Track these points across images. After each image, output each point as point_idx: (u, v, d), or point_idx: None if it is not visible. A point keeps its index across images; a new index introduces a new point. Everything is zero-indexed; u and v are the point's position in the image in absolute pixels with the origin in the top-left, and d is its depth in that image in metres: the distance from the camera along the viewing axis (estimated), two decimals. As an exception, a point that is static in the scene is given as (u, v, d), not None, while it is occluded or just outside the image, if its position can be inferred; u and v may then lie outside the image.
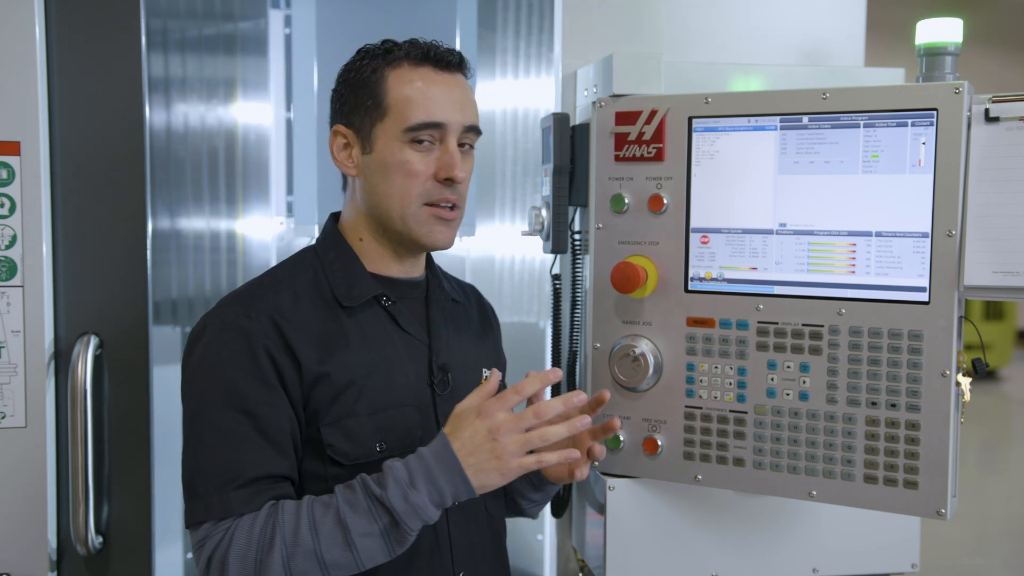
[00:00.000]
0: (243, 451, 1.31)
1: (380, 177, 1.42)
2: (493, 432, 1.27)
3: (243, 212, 2.63)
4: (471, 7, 2.54)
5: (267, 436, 1.32)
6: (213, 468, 1.30)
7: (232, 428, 1.31)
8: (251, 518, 1.28)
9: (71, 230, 1.81)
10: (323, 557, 1.25)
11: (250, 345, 1.33)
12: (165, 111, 2.42)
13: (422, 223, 1.42)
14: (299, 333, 1.36)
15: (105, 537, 1.84)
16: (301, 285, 1.42)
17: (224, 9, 2.58)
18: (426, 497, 1.26)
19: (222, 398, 1.32)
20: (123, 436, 1.85)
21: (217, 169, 2.56)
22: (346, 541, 1.26)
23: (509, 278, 2.71)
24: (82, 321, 1.81)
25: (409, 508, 1.25)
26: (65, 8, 1.78)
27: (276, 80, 2.66)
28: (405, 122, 1.39)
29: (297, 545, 1.25)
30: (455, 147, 1.42)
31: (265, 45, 2.64)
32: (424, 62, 1.43)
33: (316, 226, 2.47)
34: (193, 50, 2.50)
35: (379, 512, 1.26)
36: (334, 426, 1.36)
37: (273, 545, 1.25)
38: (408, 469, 1.27)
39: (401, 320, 1.45)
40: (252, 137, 2.62)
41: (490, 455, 1.26)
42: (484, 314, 1.69)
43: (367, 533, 1.26)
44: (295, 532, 1.25)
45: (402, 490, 1.26)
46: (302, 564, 1.25)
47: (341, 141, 1.46)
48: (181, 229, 2.52)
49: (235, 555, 1.26)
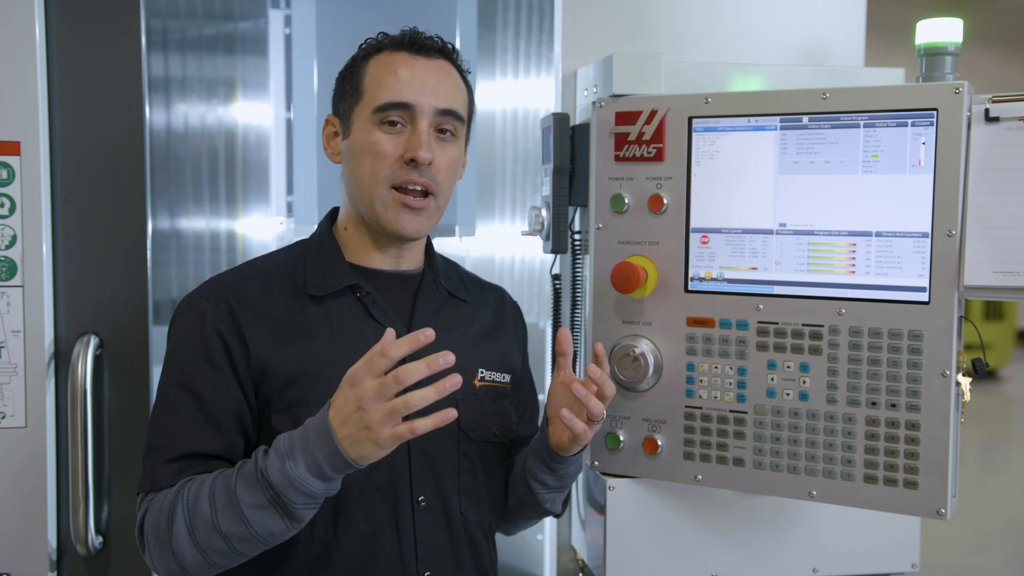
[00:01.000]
0: (179, 427, 1.35)
1: (354, 160, 1.44)
2: (360, 401, 1.18)
3: (243, 212, 2.63)
4: (471, 7, 2.54)
5: (207, 415, 1.35)
6: (153, 442, 1.36)
7: (175, 405, 1.36)
8: (161, 497, 1.31)
9: (71, 230, 1.81)
10: (220, 528, 1.25)
11: (203, 326, 1.37)
12: (165, 111, 2.42)
13: (388, 207, 1.41)
14: (254, 320, 1.39)
15: (105, 537, 1.84)
16: (277, 273, 1.45)
17: (224, 9, 2.58)
18: (304, 469, 1.21)
19: (173, 376, 1.38)
20: (123, 436, 1.85)
21: (217, 169, 2.56)
22: (237, 512, 1.24)
23: (509, 278, 2.71)
24: (82, 321, 1.81)
25: (285, 481, 1.21)
26: (65, 8, 1.78)
27: (276, 80, 2.66)
28: (374, 102, 1.41)
29: (197, 515, 1.26)
30: (424, 128, 1.41)
31: (265, 45, 2.64)
32: (401, 47, 1.45)
33: (316, 226, 2.46)
34: (193, 50, 2.50)
35: (265, 484, 1.23)
36: (284, 414, 1.37)
37: (175, 515, 1.27)
38: (291, 440, 1.24)
39: (375, 312, 1.44)
40: (252, 137, 2.62)
41: (360, 425, 1.18)
42: (502, 315, 1.63)
43: (256, 504, 1.23)
44: (195, 503, 1.27)
45: (280, 462, 1.22)
46: (203, 534, 1.26)
47: (330, 130, 1.50)
48: (181, 229, 2.52)
49: (149, 523, 1.30)
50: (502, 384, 1.56)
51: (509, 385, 1.58)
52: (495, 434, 1.52)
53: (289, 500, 1.22)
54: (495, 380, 1.55)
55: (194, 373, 1.36)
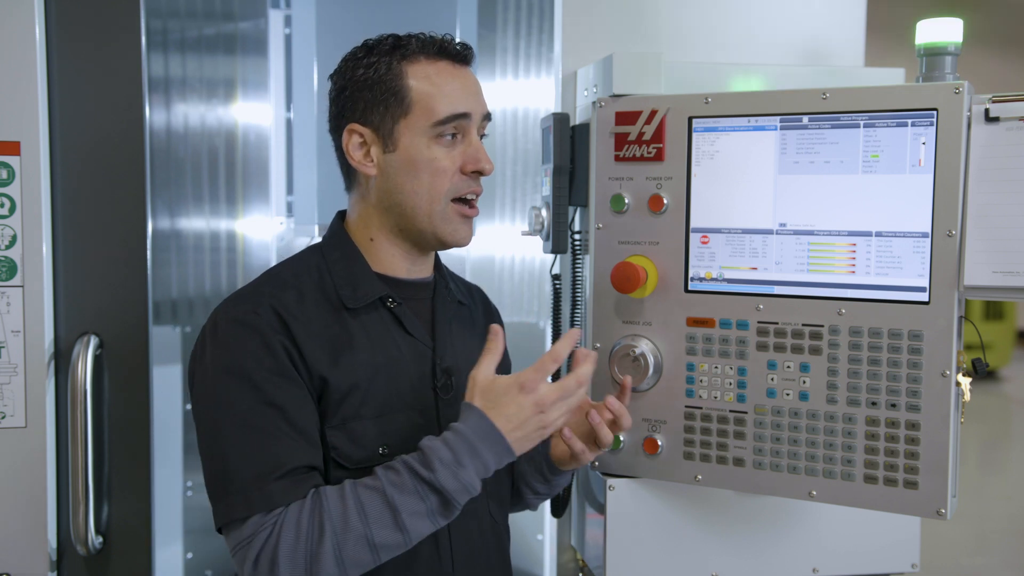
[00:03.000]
0: (276, 443, 1.29)
1: (406, 175, 1.41)
2: (540, 405, 1.30)
3: (243, 212, 2.63)
4: (471, 7, 2.54)
5: (295, 427, 1.31)
6: (248, 463, 1.28)
7: (260, 422, 1.29)
8: (297, 509, 1.26)
9: (71, 230, 1.80)
10: (374, 540, 1.25)
11: (265, 340, 1.32)
12: (165, 111, 2.42)
13: (448, 220, 1.42)
14: (304, 332, 1.35)
15: (105, 537, 1.84)
16: (306, 286, 1.40)
17: (224, 9, 2.57)
18: (473, 472, 1.28)
19: (245, 394, 1.30)
20: (123, 436, 1.85)
21: (217, 169, 2.56)
22: (395, 522, 1.26)
23: (509, 278, 2.70)
24: (82, 321, 1.81)
25: (460, 486, 1.27)
26: (65, 8, 1.78)
27: (276, 80, 2.66)
28: (432, 116, 1.39)
29: (348, 531, 1.25)
30: (478, 139, 1.43)
31: (265, 45, 2.63)
32: (441, 56, 1.43)
33: (316, 226, 2.46)
34: (193, 50, 2.50)
35: (427, 492, 1.27)
36: (339, 429, 1.35)
37: (323, 535, 1.24)
38: (451, 449, 1.28)
39: (406, 323, 1.44)
40: (252, 137, 2.62)
41: (537, 426, 1.30)
42: (489, 316, 1.67)
43: (416, 512, 1.26)
44: (343, 518, 1.25)
45: (451, 470, 1.26)
46: (353, 549, 1.25)
47: (357, 140, 1.42)
48: (181, 229, 2.52)
49: (285, 550, 1.24)
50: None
51: None
52: None
53: (457, 503, 1.28)
54: None
55: (269, 388, 1.30)
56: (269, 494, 1.27)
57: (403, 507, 1.25)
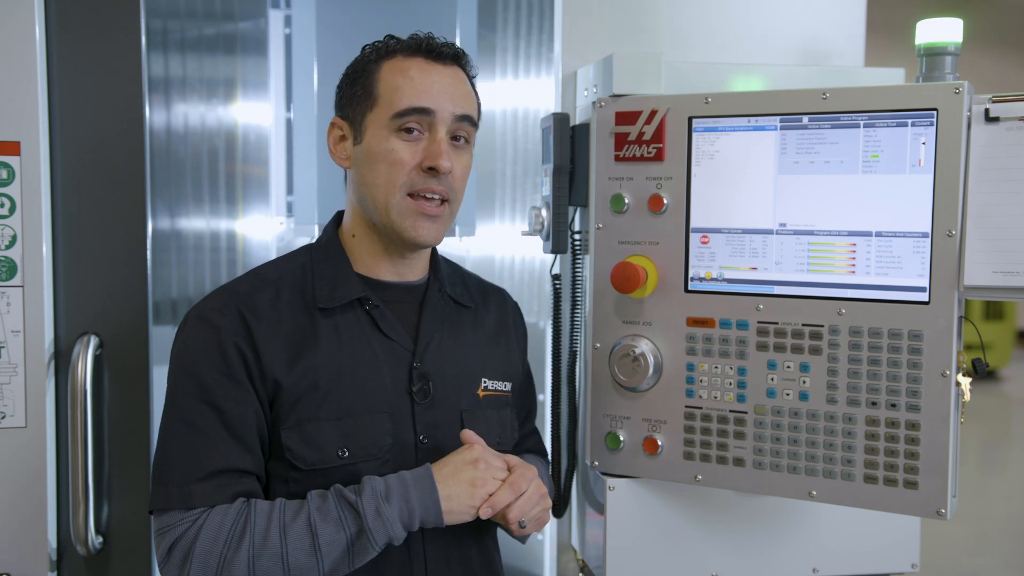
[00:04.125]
0: (207, 445, 1.33)
1: (367, 167, 1.41)
2: (475, 462, 1.36)
3: (243, 212, 2.63)
4: (471, 7, 2.54)
5: (232, 431, 1.34)
6: (177, 459, 1.33)
7: (197, 421, 1.33)
8: (221, 513, 1.30)
9: (71, 230, 1.81)
10: (288, 560, 1.28)
11: (219, 339, 1.35)
12: (165, 111, 2.42)
13: (404, 215, 1.40)
14: (267, 332, 1.36)
15: (105, 537, 1.84)
16: (285, 284, 1.42)
17: (224, 9, 2.57)
18: (396, 513, 1.30)
19: (191, 390, 1.35)
20: (123, 436, 1.85)
21: (217, 169, 2.56)
22: (313, 547, 1.28)
23: (509, 278, 2.70)
24: (82, 321, 1.81)
25: (379, 520, 1.29)
26: (65, 8, 1.78)
27: (276, 80, 2.66)
28: (392, 108, 1.39)
29: (265, 547, 1.27)
30: (443, 136, 1.40)
31: (265, 45, 2.63)
32: (416, 53, 1.43)
33: (316, 226, 2.47)
34: (193, 50, 2.50)
35: (348, 520, 1.29)
36: (293, 429, 1.36)
37: (241, 544, 1.27)
38: (386, 484, 1.32)
39: (383, 324, 1.43)
40: (252, 137, 2.62)
41: (467, 483, 1.35)
42: (503, 319, 1.63)
43: (333, 541, 1.29)
44: (264, 534, 1.28)
45: (376, 501, 1.30)
46: (267, 565, 1.27)
47: (337, 134, 1.46)
48: (181, 229, 2.52)
49: (201, 548, 1.28)
50: (503, 393, 1.56)
51: (510, 394, 1.59)
52: (498, 443, 1.51)
53: (373, 540, 1.29)
54: (497, 390, 1.55)
55: (215, 388, 1.34)
56: (189, 493, 1.30)
57: (322, 533, 1.29)
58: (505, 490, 1.37)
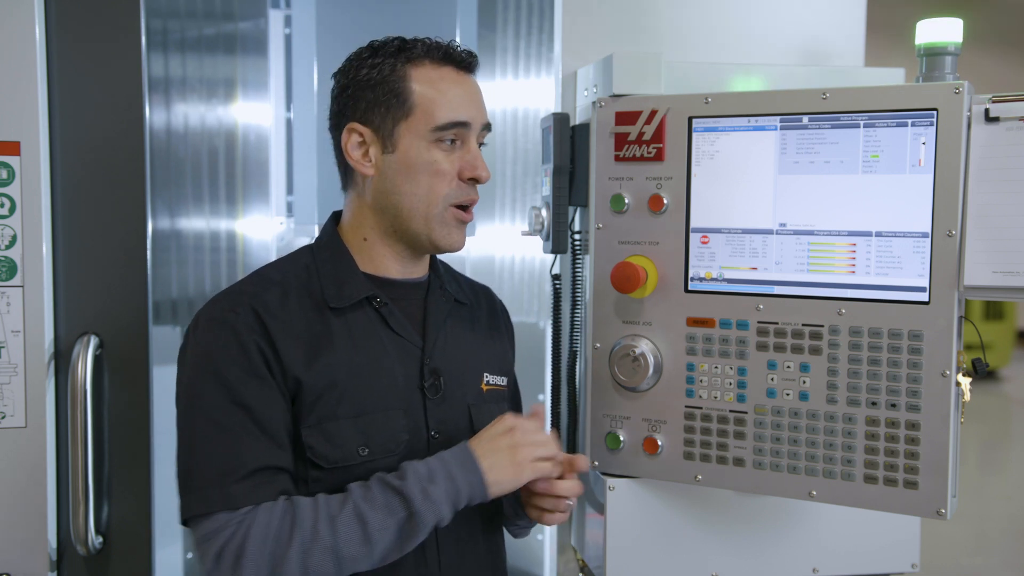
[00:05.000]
0: (240, 443, 1.30)
1: (404, 177, 1.41)
2: (511, 431, 1.36)
3: (243, 212, 2.63)
4: (471, 7, 2.54)
5: (263, 428, 1.32)
6: (211, 462, 1.30)
7: (227, 421, 1.31)
8: (267, 512, 1.28)
9: (71, 230, 1.81)
10: (340, 552, 1.26)
11: (239, 339, 1.33)
12: (165, 111, 2.42)
13: (444, 224, 1.42)
14: (283, 331, 1.35)
15: (105, 537, 1.84)
16: (291, 285, 1.41)
17: (224, 9, 2.58)
18: (443, 492, 1.30)
19: (215, 392, 1.32)
20: (123, 436, 1.85)
21: (217, 169, 2.56)
22: (364, 535, 1.27)
23: (509, 278, 2.71)
24: (82, 321, 1.81)
25: (427, 502, 1.29)
26: (65, 8, 1.78)
27: (276, 80, 2.66)
28: (433, 121, 1.39)
29: (316, 541, 1.26)
30: (476, 147, 1.43)
31: (265, 45, 2.63)
32: (446, 62, 1.43)
33: (316, 226, 2.47)
34: (193, 50, 2.50)
35: (396, 506, 1.28)
36: (314, 428, 1.35)
37: (292, 541, 1.25)
38: (427, 466, 1.32)
39: (392, 322, 1.43)
40: (252, 137, 2.62)
41: (506, 449, 1.34)
42: (494, 317, 1.65)
43: (383, 528, 1.28)
44: (313, 528, 1.26)
45: (421, 484, 1.29)
46: (319, 560, 1.26)
47: (356, 139, 1.43)
48: (181, 229, 2.52)
49: (251, 550, 1.25)
50: (502, 388, 1.57)
51: (506, 388, 1.59)
52: None
53: (423, 521, 1.29)
54: (497, 384, 1.56)
55: (240, 386, 1.32)
56: (231, 494, 1.28)
57: (372, 521, 1.27)
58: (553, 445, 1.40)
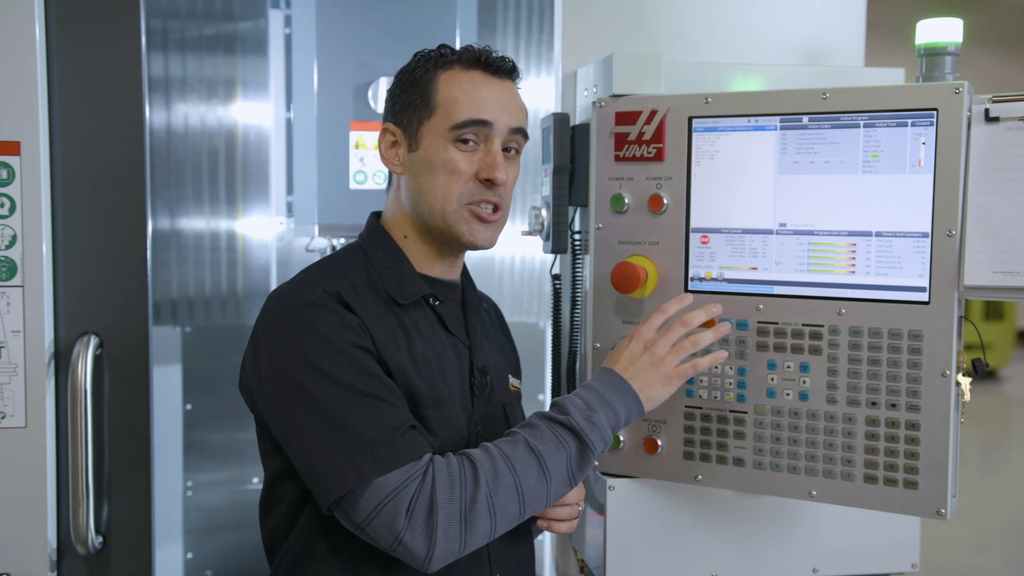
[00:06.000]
0: (389, 405, 1.31)
1: (424, 175, 1.43)
2: (648, 346, 1.43)
3: (243, 212, 2.64)
4: (471, 7, 2.54)
5: (394, 392, 1.33)
6: (368, 426, 1.27)
7: (366, 387, 1.30)
8: (443, 462, 1.29)
9: (71, 230, 1.81)
10: (523, 488, 1.30)
11: (343, 318, 1.33)
12: (165, 111, 2.42)
13: (462, 221, 1.43)
14: (368, 316, 1.36)
15: (105, 537, 1.84)
16: (356, 280, 1.41)
17: (224, 9, 2.58)
18: (604, 418, 1.36)
19: (342, 365, 1.30)
20: (123, 436, 1.85)
21: (217, 169, 2.56)
22: (541, 470, 1.32)
23: (509, 278, 2.71)
24: (82, 321, 1.81)
25: (594, 428, 1.35)
26: (65, 8, 1.78)
27: (276, 80, 2.66)
28: (451, 120, 1.41)
29: (498, 480, 1.29)
30: (498, 148, 1.43)
31: (265, 45, 2.64)
32: (475, 66, 1.44)
33: (316, 226, 2.47)
34: (193, 50, 2.50)
35: (566, 438, 1.33)
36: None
37: (477, 483, 1.28)
38: (581, 398, 1.38)
39: (447, 321, 1.47)
40: (252, 137, 2.62)
41: (650, 366, 1.42)
42: (502, 322, 1.71)
43: (556, 460, 1.33)
44: (493, 467, 1.29)
45: (584, 414, 1.35)
46: (504, 498, 1.29)
47: (389, 139, 1.47)
48: (181, 229, 2.52)
49: (441, 498, 1.25)
50: (520, 390, 1.63)
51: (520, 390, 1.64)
52: None
53: (592, 448, 1.35)
54: (516, 386, 1.62)
55: (363, 359, 1.32)
56: (399, 450, 1.27)
57: (546, 454, 1.32)
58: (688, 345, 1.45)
